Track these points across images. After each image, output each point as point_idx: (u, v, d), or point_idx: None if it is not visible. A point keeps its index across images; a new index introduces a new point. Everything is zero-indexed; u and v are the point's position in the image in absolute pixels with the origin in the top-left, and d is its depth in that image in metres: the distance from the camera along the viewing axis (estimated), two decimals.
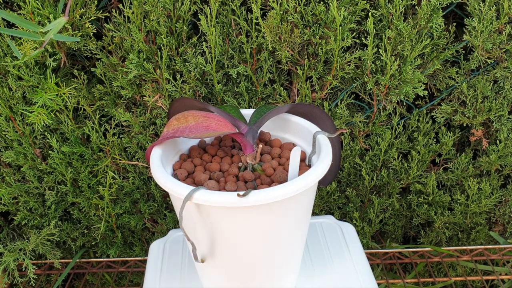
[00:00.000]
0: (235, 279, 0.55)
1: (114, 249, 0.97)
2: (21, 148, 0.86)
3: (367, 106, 0.86)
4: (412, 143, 0.89)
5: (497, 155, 0.87)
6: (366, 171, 0.89)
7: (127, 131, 0.88)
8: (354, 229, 0.73)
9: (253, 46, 0.78)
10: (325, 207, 0.96)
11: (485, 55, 0.78)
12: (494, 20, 0.74)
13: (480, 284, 1.05)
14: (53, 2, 0.72)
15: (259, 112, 0.59)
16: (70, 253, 1.02)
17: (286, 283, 0.59)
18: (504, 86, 0.81)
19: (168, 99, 0.81)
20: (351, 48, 0.82)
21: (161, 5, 0.73)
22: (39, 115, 0.78)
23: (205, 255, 0.52)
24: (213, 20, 0.74)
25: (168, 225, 0.96)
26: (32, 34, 0.45)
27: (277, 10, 0.72)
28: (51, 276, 1.02)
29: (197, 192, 0.45)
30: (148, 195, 0.95)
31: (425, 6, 0.72)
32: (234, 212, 0.46)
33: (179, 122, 0.52)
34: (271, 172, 0.53)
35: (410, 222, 1.00)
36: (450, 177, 0.92)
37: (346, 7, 0.73)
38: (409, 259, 0.96)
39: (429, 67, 0.80)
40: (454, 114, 0.85)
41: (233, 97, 0.83)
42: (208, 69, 0.78)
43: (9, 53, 0.77)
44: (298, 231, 0.54)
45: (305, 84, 0.80)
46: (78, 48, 0.78)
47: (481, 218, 0.95)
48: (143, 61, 0.77)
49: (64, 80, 0.82)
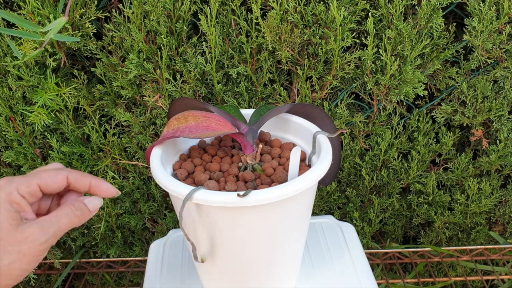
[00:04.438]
0: (235, 279, 0.55)
1: (114, 249, 0.97)
2: (21, 148, 0.86)
3: (367, 106, 0.86)
4: (412, 143, 0.89)
5: (497, 155, 0.87)
6: (366, 171, 0.89)
7: (127, 131, 0.88)
8: (354, 229, 0.73)
9: (253, 46, 0.78)
10: (325, 207, 0.96)
11: (485, 55, 0.78)
12: (494, 20, 0.74)
13: (480, 284, 1.05)
14: (53, 2, 0.72)
15: (259, 112, 0.59)
16: (70, 253, 1.02)
17: (286, 283, 0.59)
18: (504, 86, 0.81)
19: (168, 99, 0.81)
20: (351, 48, 0.82)
21: (161, 5, 0.73)
22: (39, 115, 0.78)
23: (205, 255, 0.52)
24: (213, 20, 0.74)
25: (168, 225, 0.96)
26: (32, 34, 0.45)
27: (277, 10, 0.72)
28: (51, 276, 1.02)
29: (197, 192, 0.45)
30: (148, 195, 0.95)
31: (425, 6, 0.72)
32: (234, 212, 0.46)
33: (179, 122, 0.52)
34: (271, 172, 0.53)
35: (410, 222, 1.00)
36: (450, 177, 0.92)
37: (346, 7, 0.73)
38: (409, 259, 0.96)
39: (429, 67, 0.80)
40: (454, 114, 0.85)
41: (233, 97, 0.83)
42: (208, 69, 0.78)
43: (9, 53, 0.77)
44: (298, 231, 0.54)
45: (305, 84, 0.80)
46: (78, 48, 0.78)
47: (481, 218, 0.95)
48: (143, 61, 0.77)
49: (64, 80, 0.82)
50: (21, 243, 0.39)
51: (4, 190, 0.40)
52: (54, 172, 0.44)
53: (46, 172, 0.43)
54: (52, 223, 0.41)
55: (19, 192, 0.41)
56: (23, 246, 0.39)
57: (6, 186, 0.41)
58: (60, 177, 0.44)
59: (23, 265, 0.40)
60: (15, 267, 0.39)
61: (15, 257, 0.39)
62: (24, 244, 0.39)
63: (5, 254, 0.39)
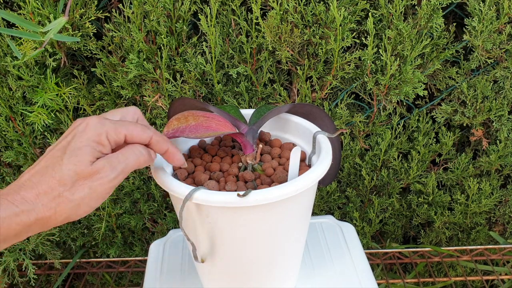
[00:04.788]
0: (235, 279, 0.55)
1: (114, 249, 0.97)
2: (21, 148, 0.86)
3: (367, 106, 0.86)
4: (412, 143, 0.89)
5: (497, 155, 0.87)
6: (366, 171, 0.89)
7: None
8: (354, 229, 0.73)
9: (253, 46, 0.78)
10: (325, 207, 0.96)
11: (485, 55, 0.78)
12: (494, 20, 0.74)
13: (480, 284, 1.05)
14: (53, 2, 0.72)
15: (259, 112, 0.59)
16: (70, 253, 1.02)
17: (286, 283, 0.59)
18: (504, 86, 0.81)
19: (168, 99, 0.81)
20: (351, 48, 0.82)
21: (161, 5, 0.73)
22: (39, 115, 0.78)
23: (205, 255, 0.52)
24: (213, 20, 0.74)
25: (168, 225, 0.96)
26: (32, 34, 0.45)
27: (277, 10, 0.72)
28: (51, 276, 1.02)
29: (197, 192, 0.45)
30: (148, 195, 0.95)
31: (425, 6, 0.72)
32: (234, 212, 0.46)
33: (179, 122, 0.52)
34: (271, 172, 0.53)
35: (410, 222, 1.00)
36: (450, 177, 0.92)
37: (346, 7, 0.73)
38: (409, 259, 0.96)
39: (429, 67, 0.80)
40: (454, 114, 0.85)
41: (233, 97, 0.83)
42: (208, 69, 0.78)
43: (9, 53, 0.77)
44: (298, 231, 0.54)
45: (305, 84, 0.80)
46: (78, 48, 0.78)
47: (481, 218, 0.95)
48: (143, 61, 0.77)
49: (64, 80, 0.82)
50: (93, 179, 0.41)
51: (95, 129, 0.42)
52: (142, 129, 0.45)
53: (135, 126, 0.44)
54: (120, 160, 0.43)
55: (107, 136, 0.42)
56: (95, 182, 0.41)
57: (97, 126, 0.42)
58: (145, 136, 0.45)
59: (92, 201, 0.41)
60: (85, 203, 0.41)
61: (87, 191, 0.41)
62: (96, 180, 0.41)
63: (79, 188, 0.40)
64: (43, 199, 0.39)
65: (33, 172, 0.41)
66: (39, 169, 0.41)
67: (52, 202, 0.40)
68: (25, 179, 0.40)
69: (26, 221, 0.39)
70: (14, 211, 0.38)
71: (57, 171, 0.40)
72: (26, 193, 0.39)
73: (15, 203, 0.38)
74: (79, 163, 0.40)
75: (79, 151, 0.41)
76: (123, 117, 0.47)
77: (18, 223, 0.38)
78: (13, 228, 0.38)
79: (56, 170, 0.40)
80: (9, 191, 0.39)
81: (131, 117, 0.48)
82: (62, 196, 0.40)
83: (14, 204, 0.38)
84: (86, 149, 0.41)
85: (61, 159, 0.40)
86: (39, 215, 0.39)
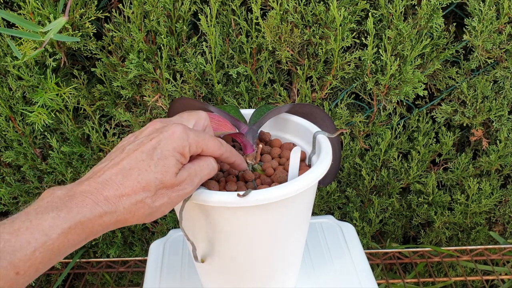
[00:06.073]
0: (235, 279, 0.55)
1: (114, 249, 0.97)
2: (21, 148, 0.86)
3: (367, 106, 0.86)
4: (412, 143, 0.89)
5: (497, 155, 0.87)
6: (366, 171, 0.89)
7: (127, 131, 0.88)
8: (354, 229, 0.73)
9: (253, 46, 0.78)
10: (325, 207, 0.96)
11: (485, 55, 0.78)
12: (494, 20, 0.74)
13: (480, 284, 1.05)
14: (53, 2, 0.72)
15: (259, 112, 0.59)
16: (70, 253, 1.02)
17: (286, 283, 0.59)
18: (504, 86, 0.81)
19: (168, 99, 0.81)
20: (351, 48, 0.82)
21: (161, 5, 0.73)
22: (39, 115, 0.78)
23: (205, 255, 0.52)
24: (213, 20, 0.74)
25: (168, 225, 0.96)
26: (32, 34, 0.45)
27: (277, 10, 0.72)
28: (51, 276, 1.02)
29: (197, 192, 0.45)
30: None
31: (425, 6, 0.72)
32: (234, 212, 0.46)
33: None
34: (271, 172, 0.53)
35: (410, 222, 1.00)
36: (450, 177, 0.92)
37: (346, 7, 0.73)
38: (409, 259, 0.96)
39: (429, 67, 0.80)
40: (454, 114, 0.85)
41: (233, 97, 0.83)
42: (208, 69, 0.78)
43: (9, 53, 0.77)
44: (298, 231, 0.54)
45: (305, 84, 0.80)
46: (78, 48, 0.78)
47: (481, 218, 0.95)
48: (143, 61, 0.77)
49: (64, 80, 0.82)
50: (174, 190, 0.42)
51: (181, 140, 0.42)
52: (218, 145, 0.46)
53: (213, 142, 0.45)
54: (197, 173, 0.44)
55: (190, 148, 0.43)
56: (174, 193, 0.42)
57: (183, 137, 0.42)
58: (219, 152, 0.46)
59: (166, 209, 0.42)
60: (161, 210, 0.42)
61: (166, 200, 0.41)
62: (176, 192, 0.42)
63: (160, 196, 0.41)
64: (125, 202, 0.39)
65: (114, 171, 0.40)
66: (121, 169, 0.40)
67: (133, 206, 0.40)
68: (107, 177, 0.40)
69: (108, 223, 0.39)
70: (99, 212, 0.38)
71: (143, 177, 0.40)
72: (109, 193, 0.39)
73: (99, 204, 0.38)
74: (166, 173, 0.41)
75: (166, 161, 0.41)
76: (197, 124, 0.48)
77: (101, 224, 0.38)
78: (95, 229, 0.38)
79: (142, 176, 0.40)
80: (90, 188, 0.39)
81: (202, 124, 0.48)
82: (144, 202, 0.40)
83: (99, 205, 0.38)
84: (172, 160, 0.41)
85: (148, 166, 0.40)
86: (119, 217, 0.39)
